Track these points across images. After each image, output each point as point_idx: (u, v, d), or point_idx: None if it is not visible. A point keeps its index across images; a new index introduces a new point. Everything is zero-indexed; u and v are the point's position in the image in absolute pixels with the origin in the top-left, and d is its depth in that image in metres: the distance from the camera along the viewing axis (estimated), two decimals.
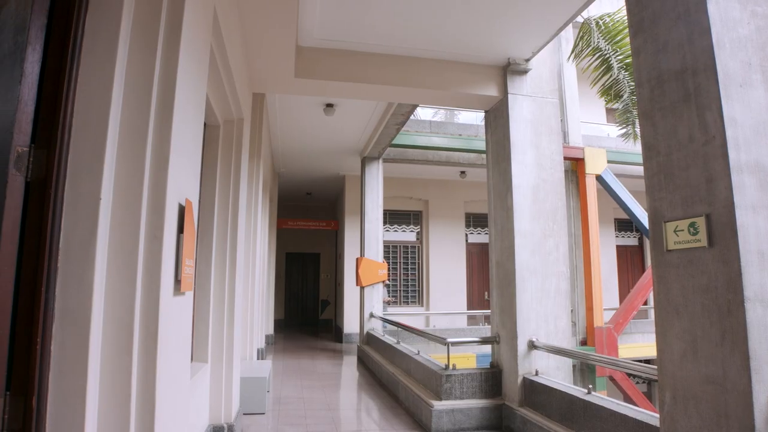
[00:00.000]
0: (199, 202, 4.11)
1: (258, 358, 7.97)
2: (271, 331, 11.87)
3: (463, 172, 12.48)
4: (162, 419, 2.03)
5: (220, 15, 3.21)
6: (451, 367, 5.34)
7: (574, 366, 5.97)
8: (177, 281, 2.16)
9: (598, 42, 7.23)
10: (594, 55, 7.38)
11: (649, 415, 3.43)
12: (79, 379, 1.75)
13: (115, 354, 1.86)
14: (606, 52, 7.24)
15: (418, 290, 13.52)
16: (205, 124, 4.07)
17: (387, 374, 7.10)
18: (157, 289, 1.92)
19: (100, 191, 1.77)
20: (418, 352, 6.60)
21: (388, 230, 13.36)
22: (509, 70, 5.66)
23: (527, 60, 5.67)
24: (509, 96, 5.61)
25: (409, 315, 12.45)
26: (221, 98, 4.20)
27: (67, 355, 1.74)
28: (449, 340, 5.54)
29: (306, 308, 16.94)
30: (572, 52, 7.75)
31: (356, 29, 5.06)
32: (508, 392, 5.19)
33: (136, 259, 1.86)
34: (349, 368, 8.89)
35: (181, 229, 2.20)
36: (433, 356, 6.46)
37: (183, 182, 2.27)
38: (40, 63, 1.80)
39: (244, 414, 5.34)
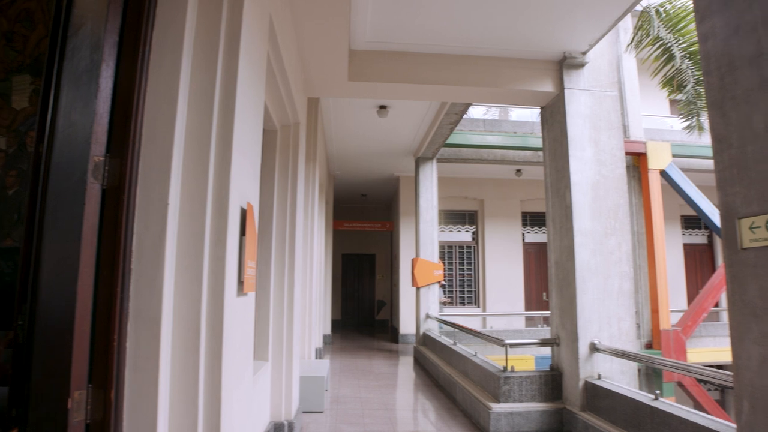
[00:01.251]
0: (259, 205, 4.25)
1: (316, 358, 8.13)
2: (328, 331, 12.07)
3: (518, 171, 12.24)
4: (227, 414, 2.12)
5: (275, 24, 3.31)
6: (509, 369, 5.26)
7: (639, 370, 5.72)
8: (240, 282, 2.25)
9: (659, 30, 6.91)
10: (654, 44, 7.07)
11: (724, 425, 3.23)
12: (152, 375, 1.86)
13: (184, 351, 1.96)
14: (667, 40, 6.91)
15: (474, 291, 13.37)
16: (263, 129, 4.20)
17: (444, 375, 7.07)
18: (222, 290, 2.01)
19: (168, 196, 1.87)
20: (476, 353, 6.53)
21: (443, 230, 13.29)
22: (565, 64, 5.51)
23: (584, 53, 5.50)
24: (566, 91, 5.45)
25: (465, 316, 12.33)
26: (278, 104, 4.33)
27: (140, 352, 1.85)
28: (507, 341, 5.45)
29: (362, 309, 17.09)
30: (631, 42, 7.45)
31: (407, 30, 5.08)
32: (569, 396, 5.05)
33: (201, 261, 1.96)
34: (406, 369, 8.92)
35: (243, 232, 2.29)
36: (491, 358, 6.38)
37: (244, 186, 2.36)
38: (113, 78, 1.93)
39: (303, 412, 5.47)
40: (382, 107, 7.95)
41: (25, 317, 2.16)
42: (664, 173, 10.45)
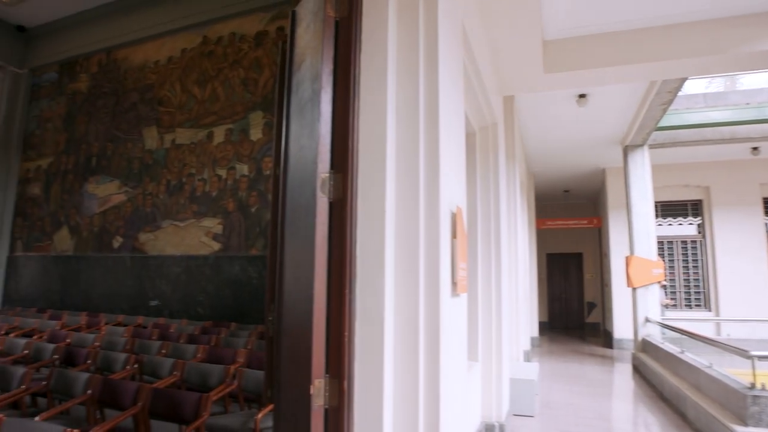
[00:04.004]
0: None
1: (524, 360, 7.94)
2: (535, 333, 11.70)
3: (755, 148, 10.27)
4: (445, 409, 2.20)
5: (467, 29, 3.35)
6: (759, 387, 4.44)
7: None
8: (453, 284, 2.33)
9: None
10: None
11: None
12: (377, 369, 2.03)
13: (405, 349, 2.10)
14: None
15: (704, 292, 11.60)
16: None
17: (670, 387, 6.27)
18: (437, 292, 2.11)
19: (384, 205, 2.04)
20: (710, 364, 5.67)
21: (660, 224, 11.85)
22: None
23: None
24: None
25: (693, 320, 10.76)
26: (475, 106, 4.37)
27: (366, 348, 2.04)
28: (754, 353, 4.60)
29: (570, 311, 16.19)
30: None
31: (602, 10, 4.67)
32: None
33: (418, 264, 2.09)
34: (623, 377, 8.15)
35: (453, 235, 2.37)
36: (730, 371, 5.45)
37: (452, 191, 2.44)
38: (331, 102, 2.17)
39: (513, 415, 5.38)
40: (582, 96, 7.45)
41: (273, 314, 2.56)
42: None
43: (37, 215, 10.32)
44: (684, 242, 11.95)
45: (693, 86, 10.02)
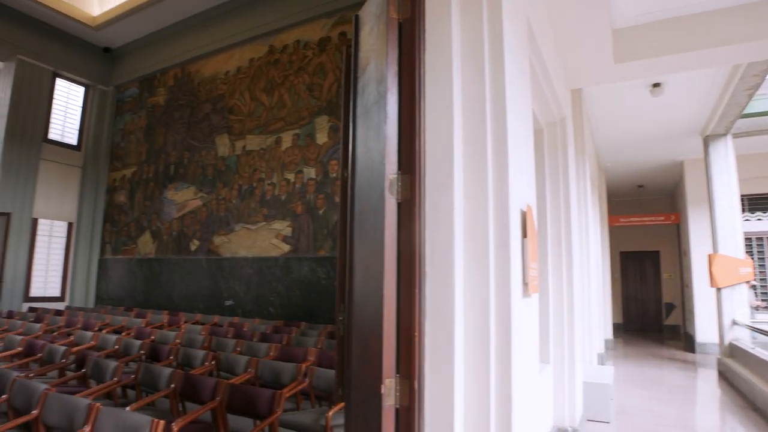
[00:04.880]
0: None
1: (598, 363, 7.64)
2: (609, 335, 11.21)
3: None
4: (517, 411, 2.16)
5: (532, 22, 3.27)
6: None
7: None
8: (524, 284, 2.28)
9: None
10: None
11: None
12: (447, 369, 2.02)
13: (475, 349, 2.07)
14: None
15: None
16: None
17: (763, 397, 5.81)
18: (508, 292, 2.07)
19: (453, 205, 2.03)
20: None
21: (748, 219, 11.01)
22: None
23: None
24: None
25: None
26: (542, 101, 4.25)
27: (436, 348, 2.04)
28: None
29: (646, 312, 15.40)
30: None
31: None
32: None
33: (487, 264, 2.06)
34: (707, 384, 7.63)
35: (524, 234, 2.32)
36: None
37: (522, 189, 2.39)
38: (397, 104, 2.18)
39: (587, 420, 5.18)
40: (656, 85, 7.07)
41: (344, 314, 2.61)
42: None
43: (123, 221, 11.10)
44: None
45: None
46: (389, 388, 1.98)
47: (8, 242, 9.96)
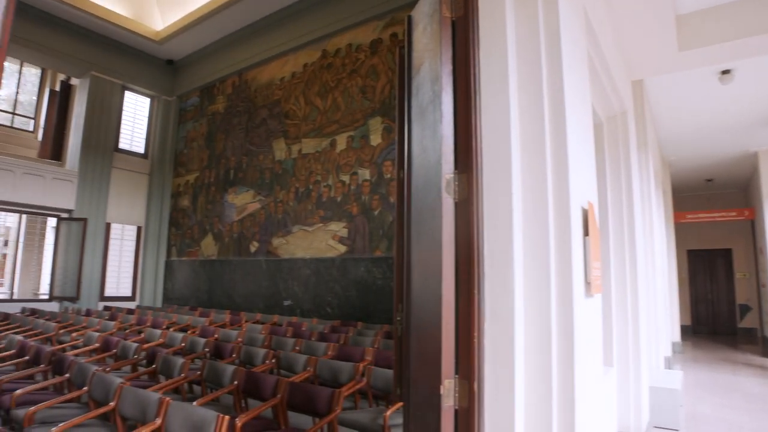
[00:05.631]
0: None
1: (665, 367, 7.29)
2: (677, 338, 10.67)
3: None
4: (581, 415, 2.09)
5: (589, 13, 3.17)
6: None
7: None
8: (587, 283, 2.21)
9: None
10: None
11: None
12: (508, 371, 1.99)
13: (536, 351, 2.03)
14: None
15: None
16: None
17: None
18: (570, 292, 2.01)
19: (511, 203, 1.99)
20: None
21: None
22: None
23: None
24: None
25: None
26: (601, 95, 4.11)
27: (496, 349, 2.01)
28: None
29: (717, 314, 14.54)
30: None
31: None
32: None
33: (548, 263, 2.01)
34: None
35: (585, 232, 2.25)
36: None
37: (582, 186, 2.32)
38: (452, 103, 2.16)
39: (654, 427, 4.96)
40: (725, 72, 6.66)
41: (402, 314, 2.61)
42: None
43: (187, 224, 11.61)
44: None
45: None
46: (448, 388, 1.97)
47: (85, 246, 10.69)
